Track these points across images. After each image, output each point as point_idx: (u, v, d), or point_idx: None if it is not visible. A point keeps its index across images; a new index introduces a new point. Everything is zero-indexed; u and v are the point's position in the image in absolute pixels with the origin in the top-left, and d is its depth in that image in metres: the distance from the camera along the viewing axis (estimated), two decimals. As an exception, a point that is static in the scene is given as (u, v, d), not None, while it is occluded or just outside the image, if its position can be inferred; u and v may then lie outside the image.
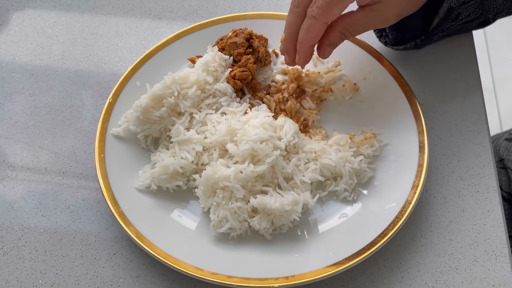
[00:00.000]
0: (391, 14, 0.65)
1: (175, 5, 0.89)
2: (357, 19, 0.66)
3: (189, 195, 0.68)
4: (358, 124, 0.72)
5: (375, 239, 0.61)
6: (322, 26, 0.64)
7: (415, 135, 0.68)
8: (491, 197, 0.68)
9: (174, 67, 0.77)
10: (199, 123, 0.70)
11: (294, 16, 0.66)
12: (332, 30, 0.67)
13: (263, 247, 0.64)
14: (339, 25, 0.66)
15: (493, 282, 0.62)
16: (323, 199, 0.67)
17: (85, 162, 0.73)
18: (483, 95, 0.76)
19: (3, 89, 0.81)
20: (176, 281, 0.64)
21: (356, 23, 0.66)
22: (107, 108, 0.72)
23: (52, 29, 0.87)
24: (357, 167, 0.66)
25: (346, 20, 0.66)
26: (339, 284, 0.63)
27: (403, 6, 0.65)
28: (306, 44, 0.66)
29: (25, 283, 0.64)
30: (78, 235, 0.68)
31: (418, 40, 0.74)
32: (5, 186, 0.72)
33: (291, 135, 0.66)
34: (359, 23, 0.66)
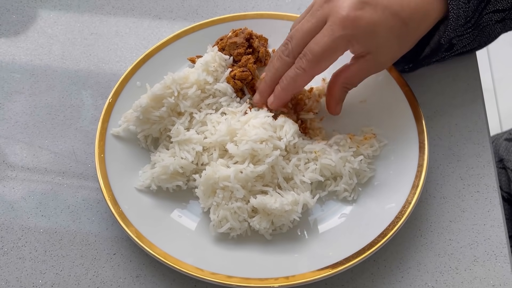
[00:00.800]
0: (385, 60, 0.66)
1: (175, 5, 0.89)
2: (354, 72, 0.67)
3: (189, 195, 0.68)
4: (358, 124, 0.72)
5: (375, 239, 0.61)
6: (309, 78, 0.66)
7: (415, 135, 0.68)
8: (491, 197, 0.68)
9: (174, 67, 0.77)
10: (199, 123, 0.70)
11: (282, 64, 0.67)
12: (335, 88, 0.68)
13: (263, 247, 0.64)
14: (339, 82, 0.68)
15: (493, 282, 0.62)
16: (323, 199, 0.67)
17: (85, 162, 0.73)
18: (483, 95, 0.76)
19: (3, 89, 0.81)
20: (176, 281, 0.64)
21: (354, 76, 0.67)
22: (107, 108, 0.72)
23: (52, 29, 0.87)
24: (357, 167, 0.66)
25: (344, 75, 0.67)
26: (339, 284, 0.63)
27: (396, 49, 0.65)
28: (290, 92, 0.68)
29: (25, 283, 0.64)
30: (78, 235, 0.68)
31: (406, 67, 0.74)
32: (5, 186, 0.72)
33: (291, 135, 0.66)
34: (358, 75, 0.67)
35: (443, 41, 0.67)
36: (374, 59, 0.65)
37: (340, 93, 0.69)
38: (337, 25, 0.62)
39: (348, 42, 0.62)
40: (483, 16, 0.67)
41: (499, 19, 0.69)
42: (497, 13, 0.67)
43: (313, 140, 0.70)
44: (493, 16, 0.68)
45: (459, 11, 0.63)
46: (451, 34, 0.66)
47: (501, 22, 0.69)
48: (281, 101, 0.68)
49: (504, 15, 0.68)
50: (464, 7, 0.63)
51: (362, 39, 0.62)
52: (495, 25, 0.70)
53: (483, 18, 0.68)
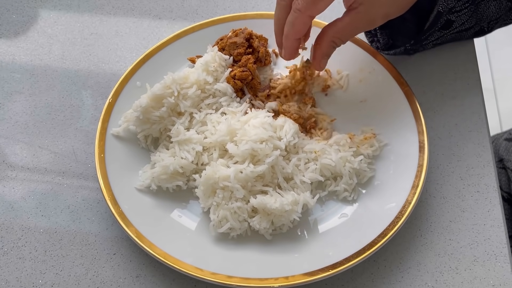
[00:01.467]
0: (377, 15, 0.65)
1: (175, 5, 0.89)
2: (344, 25, 0.66)
3: (189, 195, 0.68)
4: (358, 124, 0.72)
5: (375, 239, 0.61)
6: (307, 20, 0.64)
7: (415, 135, 0.68)
8: (491, 197, 0.68)
9: (174, 67, 0.77)
10: (199, 123, 0.70)
11: (280, 10, 0.66)
12: (322, 41, 0.67)
13: (263, 247, 0.64)
14: (328, 35, 0.66)
15: (493, 282, 0.62)
16: (323, 199, 0.67)
17: (85, 162, 0.73)
18: (483, 95, 0.76)
19: (3, 89, 0.81)
20: (176, 281, 0.64)
21: (344, 29, 0.66)
22: (107, 108, 0.72)
23: (52, 29, 0.87)
24: (357, 167, 0.66)
25: (333, 28, 0.66)
26: (339, 284, 0.63)
27: (388, 6, 0.64)
28: (291, 38, 0.66)
29: (25, 283, 0.64)
30: (78, 235, 0.68)
31: (407, 45, 0.74)
32: (5, 186, 0.72)
33: (291, 135, 0.66)
34: (347, 28, 0.66)
35: (441, 8, 0.66)
36: (365, 12, 0.64)
37: (327, 47, 0.67)
38: None
39: None
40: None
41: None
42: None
43: (313, 140, 0.70)
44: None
45: None
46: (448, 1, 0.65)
47: (496, 0, 0.69)
48: (289, 50, 0.66)
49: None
50: None
51: None
52: (489, 2, 0.69)
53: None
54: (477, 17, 0.72)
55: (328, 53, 0.68)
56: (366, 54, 0.76)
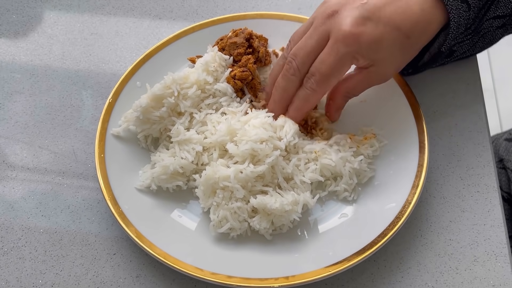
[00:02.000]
0: (388, 72, 0.67)
1: (175, 5, 0.89)
2: (357, 82, 0.67)
3: (189, 195, 0.68)
4: (358, 124, 0.72)
5: (375, 239, 0.61)
6: (320, 96, 0.67)
7: (415, 135, 0.68)
8: (491, 197, 0.68)
9: (174, 67, 0.77)
10: (199, 123, 0.70)
11: (289, 83, 0.67)
12: (336, 95, 0.69)
13: (263, 247, 0.64)
14: (341, 90, 0.68)
15: (493, 282, 0.62)
16: (323, 199, 0.67)
17: (85, 162, 0.73)
18: (483, 95, 0.76)
19: (3, 89, 0.81)
20: (176, 281, 0.64)
21: (357, 86, 0.68)
22: (107, 108, 0.72)
23: (52, 29, 0.87)
24: (357, 167, 0.66)
25: (347, 85, 0.68)
26: (339, 284, 0.63)
27: (399, 61, 0.66)
28: (305, 111, 0.68)
29: (25, 283, 0.64)
30: (78, 235, 0.68)
31: (405, 72, 0.75)
32: (5, 186, 0.72)
33: (291, 135, 0.66)
34: (360, 86, 0.68)
35: (444, 49, 0.67)
36: (377, 71, 0.65)
37: (340, 101, 0.69)
38: (341, 42, 0.62)
39: (353, 58, 0.63)
40: (484, 23, 0.67)
41: (499, 25, 0.68)
42: (497, 19, 0.67)
43: (313, 140, 0.70)
44: (493, 22, 0.68)
45: (460, 19, 0.63)
46: (451, 42, 0.66)
47: (502, 28, 0.69)
48: (297, 120, 0.68)
49: (505, 21, 0.68)
50: (464, 15, 0.63)
51: (366, 54, 0.63)
52: (496, 31, 0.70)
53: (483, 24, 0.67)
54: (481, 46, 0.72)
55: (342, 106, 0.70)
56: (366, 54, 0.76)
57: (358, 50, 0.62)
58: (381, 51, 0.63)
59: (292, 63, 0.66)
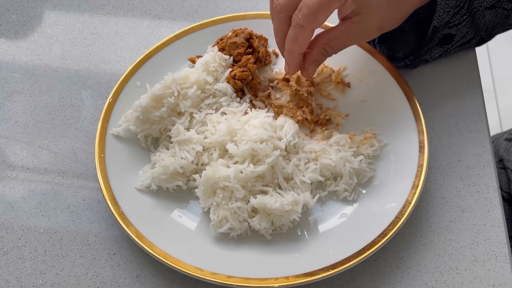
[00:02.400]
0: (372, 26, 0.64)
1: (175, 5, 0.89)
2: (338, 34, 0.65)
3: (189, 195, 0.68)
4: (358, 124, 0.72)
5: (375, 239, 0.61)
6: (309, 34, 0.63)
7: (415, 135, 0.68)
8: (491, 197, 0.68)
9: (174, 67, 0.77)
10: (199, 123, 0.70)
11: (279, 22, 0.65)
12: (314, 47, 0.66)
13: (263, 247, 0.64)
14: (320, 42, 0.66)
15: (493, 282, 0.62)
16: (323, 199, 0.67)
17: (85, 162, 0.73)
18: (483, 95, 0.76)
19: (3, 89, 0.81)
20: (176, 281, 0.64)
21: (337, 38, 0.65)
22: (107, 108, 0.72)
23: (52, 29, 0.87)
24: (357, 167, 0.66)
25: (326, 36, 0.65)
26: (339, 284, 0.63)
27: (384, 17, 0.64)
28: (296, 53, 0.65)
29: (25, 283, 0.64)
30: (78, 235, 0.68)
31: (407, 61, 0.74)
32: (5, 186, 0.72)
33: (291, 135, 0.66)
34: (341, 38, 0.65)
35: (437, 23, 0.66)
36: (360, 22, 0.63)
37: (318, 54, 0.66)
38: None
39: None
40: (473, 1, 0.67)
41: (488, 6, 0.68)
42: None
43: (313, 140, 0.70)
44: (483, 2, 0.68)
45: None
46: (443, 16, 0.65)
47: (491, 9, 0.69)
48: (293, 65, 0.66)
49: (494, 2, 0.68)
50: None
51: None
52: (484, 11, 0.69)
53: (473, 3, 0.67)
54: (474, 28, 0.72)
55: (318, 60, 0.67)
56: (366, 54, 0.76)
57: None
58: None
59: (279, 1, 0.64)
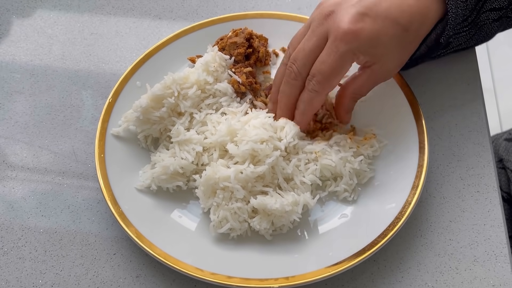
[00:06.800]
0: (391, 67, 0.67)
1: (175, 5, 0.89)
2: (363, 82, 0.67)
3: (189, 195, 0.68)
4: (358, 124, 0.72)
5: (375, 240, 0.61)
6: (324, 97, 0.66)
7: (415, 135, 0.68)
8: (491, 197, 0.68)
9: (174, 67, 0.77)
10: (199, 123, 0.70)
11: (292, 88, 0.67)
12: (344, 99, 0.69)
13: (263, 247, 0.64)
14: (348, 92, 0.68)
15: (493, 282, 0.62)
16: (323, 200, 0.67)
17: (85, 162, 0.73)
18: (483, 95, 0.76)
19: (3, 89, 0.81)
20: (176, 281, 0.64)
21: (363, 86, 0.68)
22: (107, 108, 0.72)
23: (52, 29, 0.87)
24: (357, 167, 0.66)
25: (353, 86, 0.68)
26: (339, 284, 0.63)
27: (401, 56, 0.66)
28: (310, 114, 0.68)
29: (25, 283, 0.64)
30: (78, 235, 0.68)
31: None
32: (5, 186, 0.72)
33: (291, 136, 0.66)
34: (366, 85, 0.68)
35: (442, 40, 0.67)
36: (380, 68, 0.65)
37: (349, 104, 0.69)
38: (340, 40, 0.62)
39: (354, 55, 0.63)
40: (481, 15, 0.67)
41: (496, 18, 0.69)
42: (494, 12, 0.68)
43: (313, 140, 0.70)
44: (490, 15, 0.68)
45: (457, 10, 0.63)
46: (449, 33, 0.66)
47: (498, 21, 0.70)
48: (305, 124, 0.69)
49: (501, 14, 0.68)
50: (462, 6, 0.64)
51: (367, 50, 0.63)
52: (492, 24, 0.70)
53: (480, 16, 0.68)
54: (478, 38, 0.72)
55: (351, 108, 0.70)
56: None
57: (358, 46, 0.62)
58: (381, 46, 0.63)
59: (292, 67, 0.66)
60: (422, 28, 0.64)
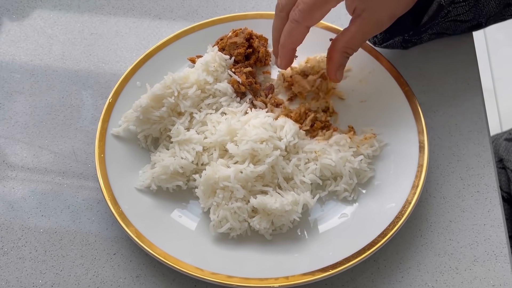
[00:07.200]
0: (382, 17, 0.65)
1: (175, 5, 0.89)
2: (353, 33, 0.66)
3: (189, 195, 0.68)
4: (358, 124, 0.72)
5: (375, 239, 0.61)
6: (304, 30, 0.65)
7: (415, 135, 0.68)
8: (491, 197, 0.68)
9: (174, 67, 0.77)
10: (199, 123, 0.70)
11: (279, 20, 0.67)
12: (334, 53, 0.67)
13: (263, 247, 0.64)
14: (338, 46, 0.67)
15: (493, 282, 0.62)
16: (323, 199, 0.67)
17: (85, 162, 0.73)
18: (483, 95, 0.76)
19: (3, 89, 0.81)
20: (176, 281, 0.64)
21: (353, 38, 0.66)
22: (107, 108, 0.72)
23: (52, 29, 0.87)
24: (357, 167, 0.66)
25: (343, 39, 0.66)
26: (339, 284, 0.63)
27: (392, 7, 0.64)
28: (288, 47, 0.67)
29: (25, 283, 0.64)
30: (78, 235, 0.68)
31: (406, 35, 0.73)
32: (5, 186, 0.72)
33: (291, 135, 0.66)
34: (356, 36, 0.66)
35: (444, 2, 0.66)
36: (370, 16, 0.64)
37: (340, 58, 0.67)
38: None
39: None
40: None
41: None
42: None
43: (313, 140, 0.70)
44: None
45: None
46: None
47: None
48: (285, 59, 0.67)
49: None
50: None
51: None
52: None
53: None
54: (475, 12, 0.71)
55: (342, 64, 0.68)
56: (367, 54, 0.76)
57: None
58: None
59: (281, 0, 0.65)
60: None
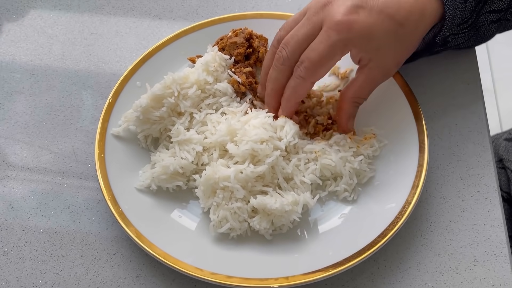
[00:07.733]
0: (389, 65, 0.66)
1: (175, 5, 0.89)
2: (361, 83, 0.66)
3: (189, 195, 0.68)
4: (358, 124, 0.72)
5: (375, 239, 0.61)
6: (309, 85, 0.66)
7: (415, 135, 0.68)
8: (491, 197, 0.68)
9: (174, 67, 0.77)
10: (199, 123, 0.70)
11: (279, 73, 0.67)
12: (344, 104, 0.68)
13: (263, 247, 0.64)
14: (348, 96, 0.67)
15: (493, 282, 0.62)
16: (323, 199, 0.67)
17: (85, 162, 0.73)
18: (483, 95, 0.76)
19: (3, 89, 0.81)
20: (176, 281, 0.64)
21: (362, 88, 0.67)
22: (107, 108, 0.72)
23: (52, 29, 0.87)
24: (357, 167, 0.66)
25: (352, 89, 0.67)
26: (339, 284, 0.63)
27: (398, 53, 0.65)
28: (293, 101, 0.67)
29: (25, 283, 0.64)
30: (78, 235, 0.68)
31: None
32: (5, 186, 0.72)
33: (291, 135, 0.66)
34: (365, 86, 0.67)
35: (438, 40, 0.67)
36: (377, 66, 0.65)
37: (350, 109, 0.68)
38: (332, 29, 0.61)
39: (345, 46, 0.62)
40: (480, 17, 0.67)
41: (494, 20, 0.69)
42: (493, 13, 0.68)
43: (313, 140, 0.70)
44: (489, 16, 0.68)
45: (455, 11, 0.63)
46: (446, 33, 0.66)
47: (496, 23, 0.70)
48: (290, 111, 0.68)
49: (500, 16, 0.68)
50: (460, 7, 0.63)
51: (359, 43, 0.62)
52: (490, 25, 0.70)
53: (479, 18, 0.68)
54: (475, 40, 0.72)
55: (353, 114, 0.69)
56: (366, 54, 0.75)
57: (350, 37, 0.61)
58: (374, 40, 0.62)
59: (282, 52, 0.66)
60: (419, 25, 0.64)
